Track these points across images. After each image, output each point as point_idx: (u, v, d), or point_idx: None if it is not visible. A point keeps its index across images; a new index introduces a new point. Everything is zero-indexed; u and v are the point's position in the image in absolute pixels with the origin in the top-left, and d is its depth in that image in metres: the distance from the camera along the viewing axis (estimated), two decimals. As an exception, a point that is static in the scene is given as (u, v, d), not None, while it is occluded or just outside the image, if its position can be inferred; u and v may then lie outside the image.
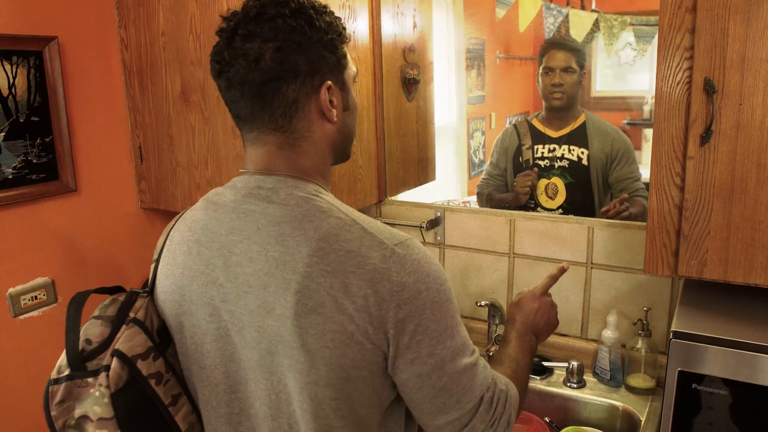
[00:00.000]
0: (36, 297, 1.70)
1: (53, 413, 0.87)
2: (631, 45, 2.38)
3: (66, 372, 0.88)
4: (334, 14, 0.92)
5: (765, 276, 1.12)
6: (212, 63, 0.89)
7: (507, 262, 1.81)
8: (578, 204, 1.99)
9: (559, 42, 2.24)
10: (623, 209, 1.77)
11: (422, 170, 2.13)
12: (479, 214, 1.85)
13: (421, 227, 1.87)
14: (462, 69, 2.95)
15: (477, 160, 3.07)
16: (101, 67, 1.84)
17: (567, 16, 2.42)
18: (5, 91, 1.58)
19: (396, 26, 1.88)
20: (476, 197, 2.28)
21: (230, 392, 0.91)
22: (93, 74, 1.81)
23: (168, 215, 2.01)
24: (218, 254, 0.88)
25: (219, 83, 0.89)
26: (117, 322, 0.90)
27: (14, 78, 1.60)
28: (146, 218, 2.01)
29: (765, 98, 1.07)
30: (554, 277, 1.21)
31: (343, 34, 0.92)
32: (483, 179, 2.25)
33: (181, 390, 0.94)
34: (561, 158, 2.05)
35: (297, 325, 0.81)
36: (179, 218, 0.98)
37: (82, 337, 0.89)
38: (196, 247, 0.91)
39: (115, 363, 0.86)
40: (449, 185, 2.91)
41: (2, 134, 1.58)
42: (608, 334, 1.61)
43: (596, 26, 2.36)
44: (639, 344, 1.57)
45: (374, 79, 1.85)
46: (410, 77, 1.97)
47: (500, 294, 1.83)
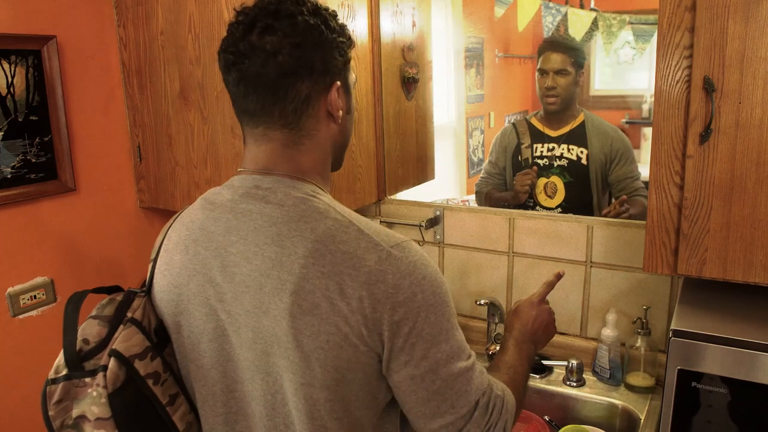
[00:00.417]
0: (35, 296, 1.70)
1: (51, 413, 0.87)
2: (630, 44, 2.38)
3: (64, 372, 0.88)
4: (340, 19, 0.93)
5: (764, 274, 1.12)
6: (224, 55, 0.88)
7: (506, 261, 1.81)
8: (577, 203, 1.99)
9: (556, 42, 2.24)
10: (623, 211, 1.77)
11: (421, 169, 2.13)
12: (478, 213, 1.85)
13: (421, 226, 1.87)
14: (461, 68, 2.95)
15: (476, 159, 3.07)
16: (100, 67, 1.83)
17: (566, 15, 2.41)
18: (4, 91, 1.58)
19: (395, 25, 1.88)
20: (475, 196, 2.28)
21: (227, 392, 0.91)
22: (92, 73, 1.81)
23: (167, 215, 2.01)
24: (215, 254, 0.88)
25: (228, 77, 0.88)
26: (114, 322, 0.90)
27: (13, 77, 1.60)
28: (145, 218, 2.00)
29: (764, 96, 1.07)
30: (551, 284, 1.21)
31: (352, 40, 0.94)
32: (482, 178, 2.25)
33: (179, 390, 0.94)
34: (560, 157, 2.05)
35: (292, 326, 0.81)
36: (177, 218, 0.98)
37: (80, 337, 0.90)
38: (193, 247, 0.90)
39: (113, 363, 0.86)
40: (448, 184, 2.90)
41: (1, 133, 1.58)
42: (608, 333, 1.61)
43: (595, 25, 2.36)
44: (638, 343, 1.57)
45: (373, 78, 1.85)
46: (409, 76, 1.97)
47: (500, 293, 1.83)
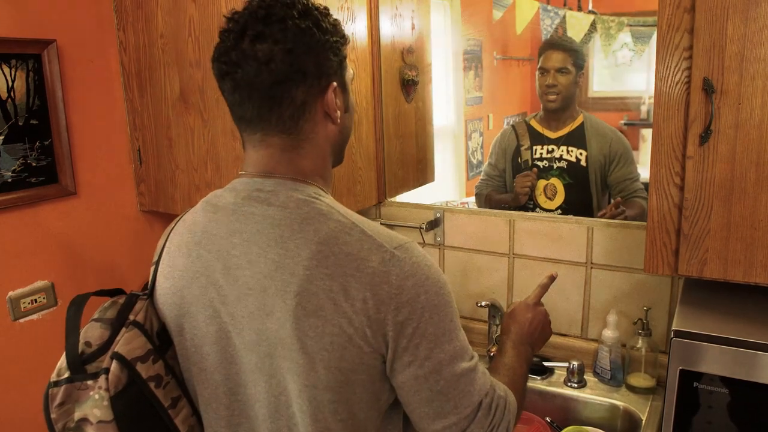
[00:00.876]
0: (36, 300, 1.70)
1: (53, 416, 0.87)
2: (628, 45, 2.38)
3: (66, 375, 0.88)
4: (333, 16, 0.92)
5: (765, 275, 1.13)
6: (217, 64, 0.87)
7: (507, 263, 1.81)
8: (577, 205, 2.00)
9: (556, 42, 2.25)
10: (618, 213, 1.78)
11: (421, 171, 2.14)
12: (479, 215, 1.85)
13: (421, 228, 1.87)
14: (459, 70, 2.96)
15: (475, 161, 3.07)
16: (100, 70, 1.84)
17: (564, 18, 2.42)
18: (4, 95, 1.58)
19: (394, 28, 1.89)
20: (475, 198, 2.29)
21: (230, 394, 0.91)
22: (92, 77, 1.81)
23: (167, 218, 2.01)
24: (218, 257, 0.88)
25: (223, 85, 0.88)
26: (117, 325, 0.90)
27: (13, 81, 1.60)
28: (145, 221, 2.00)
29: (764, 97, 1.07)
30: (545, 286, 1.22)
31: (346, 37, 0.93)
32: (481, 180, 2.26)
33: (181, 392, 0.94)
34: (559, 159, 2.06)
35: (296, 328, 0.81)
36: (179, 221, 0.98)
37: (82, 340, 0.89)
38: (196, 250, 0.90)
39: (115, 366, 0.86)
40: (447, 186, 2.91)
41: (1, 137, 1.58)
42: (608, 334, 1.62)
43: (593, 27, 2.36)
44: (639, 344, 1.57)
45: (373, 81, 1.86)
46: (409, 78, 1.97)
47: (500, 294, 1.84)
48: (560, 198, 2.05)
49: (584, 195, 2.02)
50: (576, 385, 1.63)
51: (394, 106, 1.94)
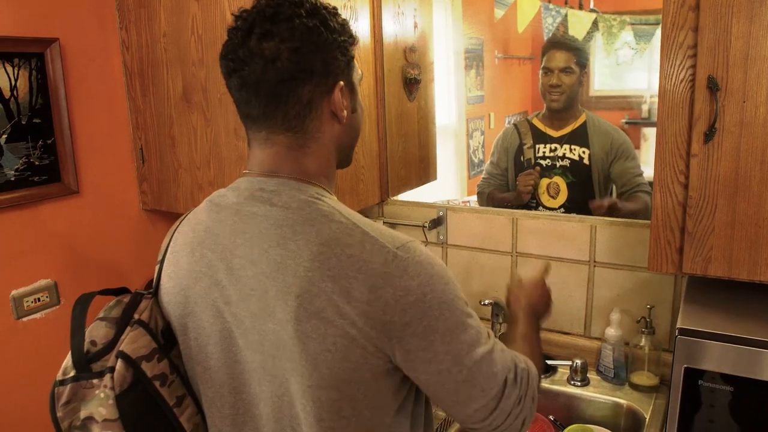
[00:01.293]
0: (39, 299, 1.70)
1: (59, 414, 0.87)
2: (629, 44, 2.38)
3: (71, 373, 0.88)
4: (341, 16, 0.92)
5: (769, 272, 1.13)
6: (224, 61, 0.87)
7: (510, 261, 1.81)
8: (580, 203, 1.99)
9: (560, 42, 2.25)
10: (610, 211, 1.81)
11: (424, 170, 2.14)
12: (482, 214, 1.85)
13: (424, 227, 1.87)
14: (461, 69, 2.96)
15: (476, 160, 3.07)
16: (102, 69, 1.84)
17: (565, 17, 2.42)
18: (7, 93, 1.58)
19: (397, 26, 1.89)
20: (477, 197, 2.29)
21: (234, 393, 0.91)
22: (94, 76, 1.81)
23: (170, 217, 2.01)
24: (221, 256, 0.88)
25: (230, 82, 0.88)
26: (122, 324, 0.90)
27: (16, 80, 1.60)
28: (148, 220, 2.00)
29: (768, 95, 1.07)
30: (548, 267, 1.28)
31: (354, 36, 0.92)
32: (483, 179, 2.26)
33: (186, 391, 0.94)
34: (562, 158, 2.06)
35: (298, 330, 0.80)
36: (183, 220, 0.98)
37: (87, 339, 0.89)
38: (199, 249, 0.90)
39: (120, 364, 0.86)
40: (449, 185, 2.91)
41: (4, 136, 1.58)
42: (611, 332, 1.62)
43: (595, 26, 2.36)
44: (642, 342, 1.58)
45: (376, 79, 1.86)
46: (411, 77, 1.97)
47: (503, 293, 1.82)
48: (563, 196, 2.05)
49: (587, 193, 2.02)
50: (579, 384, 1.63)
51: (397, 105, 1.94)
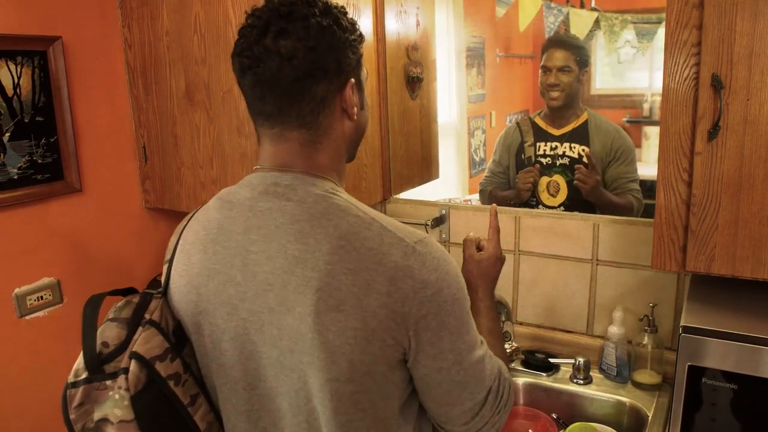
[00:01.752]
0: (42, 297, 1.70)
1: (72, 416, 0.87)
2: (631, 43, 2.39)
3: (84, 375, 0.87)
4: (350, 15, 0.93)
5: (773, 270, 1.13)
6: (238, 58, 0.88)
7: (512, 259, 1.81)
8: (580, 202, 2.00)
9: (560, 40, 2.24)
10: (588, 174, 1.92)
11: (426, 168, 2.14)
12: (484, 212, 1.86)
13: (426, 225, 1.88)
14: (462, 67, 2.96)
15: (477, 159, 3.07)
16: (105, 67, 1.83)
17: (567, 15, 2.42)
18: (10, 91, 1.58)
19: (399, 24, 1.89)
20: (479, 194, 2.29)
21: (249, 389, 0.91)
22: (97, 74, 1.81)
23: (172, 215, 2.01)
24: (235, 253, 0.88)
25: (243, 80, 0.89)
26: (133, 324, 0.90)
27: (19, 78, 1.60)
28: (150, 218, 2.00)
29: (773, 94, 1.08)
30: (497, 227, 1.17)
31: (363, 35, 0.94)
32: (486, 177, 2.26)
33: (199, 390, 0.94)
34: (562, 156, 2.06)
35: (318, 323, 0.81)
36: (191, 218, 0.98)
37: (99, 340, 0.89)
38: (212, 247, 0.91)
39: (134, 365, 0.86)
40: (450, 183, 2.91)
41: (7, 134, 1.58)
42: (614, 331, 1.62)
43: (597, 25, 2.36)
44: (645, 340, 1.58)
45: (378, 78, 1.86)
46: (414, 75, 1.97)
47: (505, 290, 1.84)
48: (563, 195, 2.05)
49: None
50: (582, 382, 1.64)
51: (399, 103, 1.94)
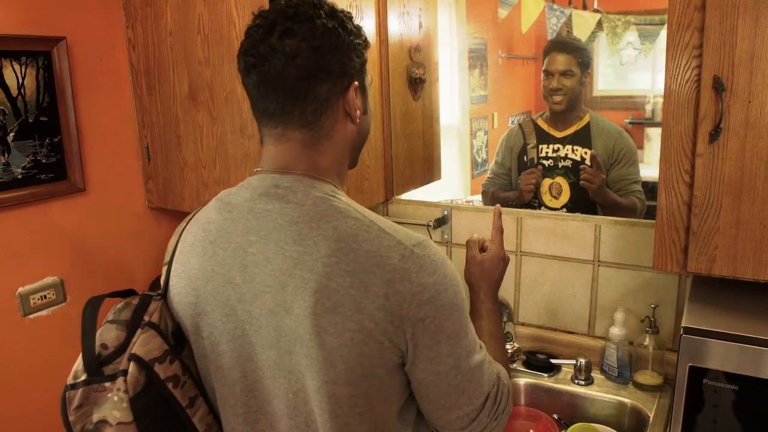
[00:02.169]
0: (45, 296, 1.71)
1: (71, 418, 0.87)
2: (633, 44, 2.39)
3: (83, 377, 0.88)
4: (355, 21, 0.95)
5: (774, 272, 1.13)
6: (244, 57, 0.89)
7: (514, 260, 1.81)
8: (582, 204, 2.00)
9: (561, 43, 2.24)
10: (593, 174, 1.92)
11: (428, 169, 2.14)
12: (486, 213, 1.86)
13: (428, 226, 1.88)
14: (464, 69, 2.96)
15: (480, 160, 3.08)
16: (109, 68, 1.84)
17: (570, 17, 2.43)
18: (14, 92, 1.59)
19: (402, 26, 1.89)
20: (481, 196, 2.30)
21: (247, 391, 0.91)
22: (101, 74, 1.82)
23: (175, 215, 2.02)
24: (234, 254, 0.88)
25: (248, 79, 0.90)
26: (132, 326, 0.90)
27: (23, 78, 1.61)
28: (153, 218, 2.01)
29: (774, 96, 1.08)
30: (500, 228, 1.18)
31: (368, 41, 0.95)
32: (488, 178, 2.26)
33: (198, 392, 0.94)
34: (564, 158, 2.06)
35: (315, 325, 0.81)
36: (191, 219, 0.98)
37: (98, 342, 0.89)
38: (211, 248, 0.91)
39: (133, 367, 0.86)
40: (452, 184, 2.92)
41: (12, 134, 1.59)
42: (616, 332, 1.62)
43: (599, 26, 2.37)
44: (646, 341, 1.58)
45: (381, 79, 1.86)
46: (416, 77, 1.98)
47: (507, 292, 1.84)
48: (565, 197, 2.05)
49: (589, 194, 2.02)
50: (583, 383, 1.64)
51: (402, 105, 1.95)
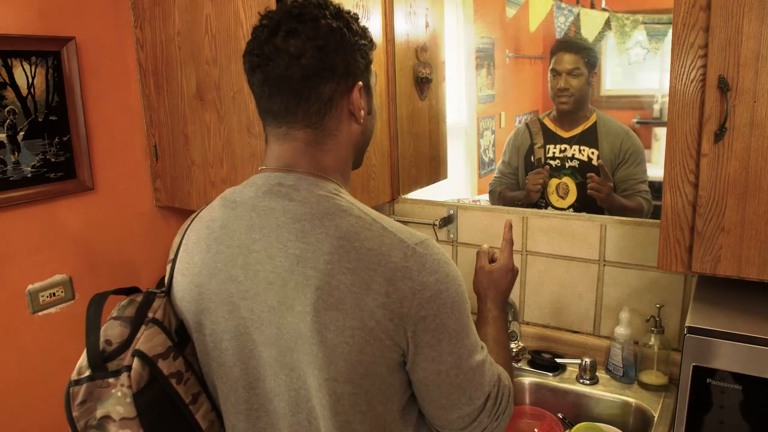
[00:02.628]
0: (54, 294, 1.73)
1: (75, 414, 0.88)
2: (641, 43, 2.38)
3: (87, 373, 0.88)
4: (361, 23, 0.95)
5: (779, 272, 1.13)
6: (250, 57, 0.90)
7: (519, 260, 1.81)
8: (589, 204, 2.00)
9: (568, 43, 2.24)
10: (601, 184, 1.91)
11: (434, 169, 2.15)
12: (492, 212, 1.86)
13: (434, 225, 1.88)
14: (472, 68, 2.96)
15: (487, 159, 3.07)
16: (117, 67, 1.86)
17: (578, 16, 2.42)
18: (24, 91, 1.61)
19: (409, 25, 1.90)
20: (488, 195, 2.29)
21: (249, 388, 0.92)
22: (109, 74, 1.84)
23: (183, 213, 2.03)
24: (237, 252, 0.89)
25: (253, 78, 0.91)
26: (136, 323, 0.91)
27: (33, 78, 1.62)
28: (161, 216, 2.03)
29: (779, 95, 1.08)
30: (511, 240, 1.22)
31: (373, 42, 0.96)
32: (495, 177, 2.26)
33: (201, 388, 0.95)
34: (571, 158, 2.06)
35: (317, 322, 0.82)
36: (195, 217, 0.99)
37: (102, 338, 0.90)
38: (215, 246, 0.91)
39: (137, 363, 0.87)
40: (459, 184, 2.91)
41: (21, 133, 1.61)
42: (621, 331, 1.62)
43: (607, 25, 2.36)
44: (651, 341, 1.58)
45: (387, 78, 1.87)
46: (423, 76, 1.98)
47: (512, 291, 1.82)
48: (572, 197, 2.05)
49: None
50: (588, 382, 1.64)
51: (408, 104, 1.95)
